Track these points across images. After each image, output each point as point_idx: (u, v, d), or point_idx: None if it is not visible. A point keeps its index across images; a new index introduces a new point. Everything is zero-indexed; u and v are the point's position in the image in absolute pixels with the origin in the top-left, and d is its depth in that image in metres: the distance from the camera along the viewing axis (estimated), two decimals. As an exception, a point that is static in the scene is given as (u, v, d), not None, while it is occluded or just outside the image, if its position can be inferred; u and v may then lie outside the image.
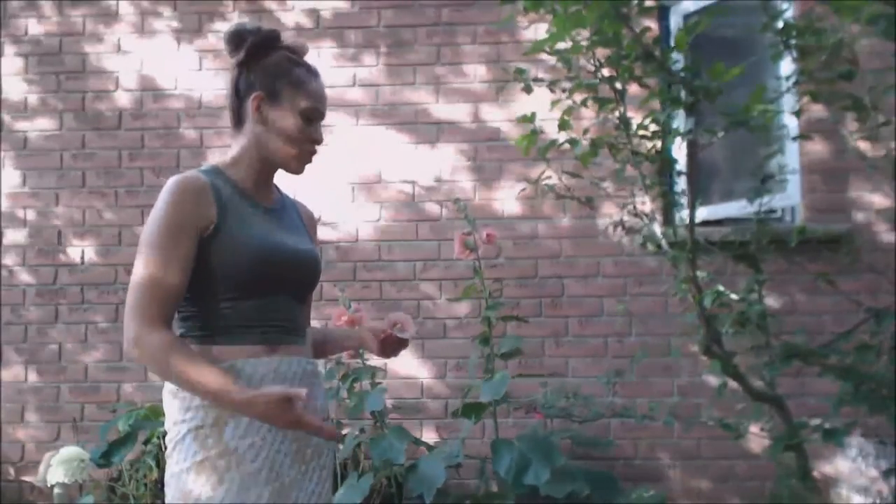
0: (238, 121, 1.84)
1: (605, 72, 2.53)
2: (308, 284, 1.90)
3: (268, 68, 1.82)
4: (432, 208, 4.18)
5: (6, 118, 4.32)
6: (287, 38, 1.87)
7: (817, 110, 3.58)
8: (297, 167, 1.85)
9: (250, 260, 1.74)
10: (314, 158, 1.87)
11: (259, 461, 1.70)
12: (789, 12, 3.79)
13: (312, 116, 1.82)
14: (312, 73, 1.86)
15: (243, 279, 1.74)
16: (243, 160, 1.84)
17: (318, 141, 1.84)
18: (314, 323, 2.17)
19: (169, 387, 1.75)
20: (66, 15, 4.35)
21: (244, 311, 1.75)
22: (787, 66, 2.98)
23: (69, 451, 3.47)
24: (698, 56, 2.56)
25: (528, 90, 2.72)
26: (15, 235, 4.26)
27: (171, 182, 1.75)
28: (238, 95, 1.83)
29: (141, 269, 1.70)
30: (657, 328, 4.04)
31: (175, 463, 1.71)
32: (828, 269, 3.82)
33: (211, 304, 1.74)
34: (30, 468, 4.10)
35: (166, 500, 1.73)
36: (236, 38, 1.83)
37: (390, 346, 1.96)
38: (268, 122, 1.81)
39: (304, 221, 2.00)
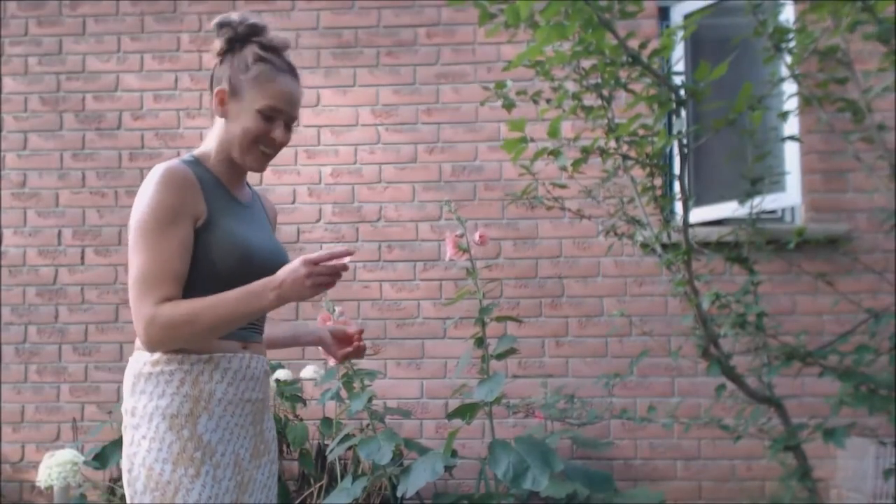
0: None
1: (591, 79, 2.51)
2: None
3: (236, 62, 1.79)
4: (432, 208, 4.18)
5: (6, 118, 4.33)
6: (278, 35, 1.84)
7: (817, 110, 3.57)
8: (252, 165, 1.81)
9: (237, 259, 1.73)
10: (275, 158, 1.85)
11: (227, 455, 1.73)
12: (783, 15, 3.78)
13: (273, 115, 1.77)
14: (282, 70, 1.80)
15: (228, 277, 1.71)
16: (217, 153, 1.83)
17: (277, 142, 1.80)
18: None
19: (140, 368, 1.72)
20: (65, 15, 4.35)
21: None
22: (784, 69, 2.96)
23: (63, 453, 3.47)
24: (700, 58, 2.55)
25: (508, 108, 2.69)
26: (15, 235, 4.27)
27: (160, 170, 1.70)
28: (212, 87, 1.83)
29: (143, 256, 1.66)
30: (657, 328, 4.03)
31: (146, 450, 1.68)
32: (827, 270, 3.83)
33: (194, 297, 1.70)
34: (30, 468, 4.11)
35: (132, 484, 1.69)
36: (220, 29, 1.82)
37: (352, 352, 2.04)
38: (229, 117, 1.79)
39: (269, 216, 2.02)
